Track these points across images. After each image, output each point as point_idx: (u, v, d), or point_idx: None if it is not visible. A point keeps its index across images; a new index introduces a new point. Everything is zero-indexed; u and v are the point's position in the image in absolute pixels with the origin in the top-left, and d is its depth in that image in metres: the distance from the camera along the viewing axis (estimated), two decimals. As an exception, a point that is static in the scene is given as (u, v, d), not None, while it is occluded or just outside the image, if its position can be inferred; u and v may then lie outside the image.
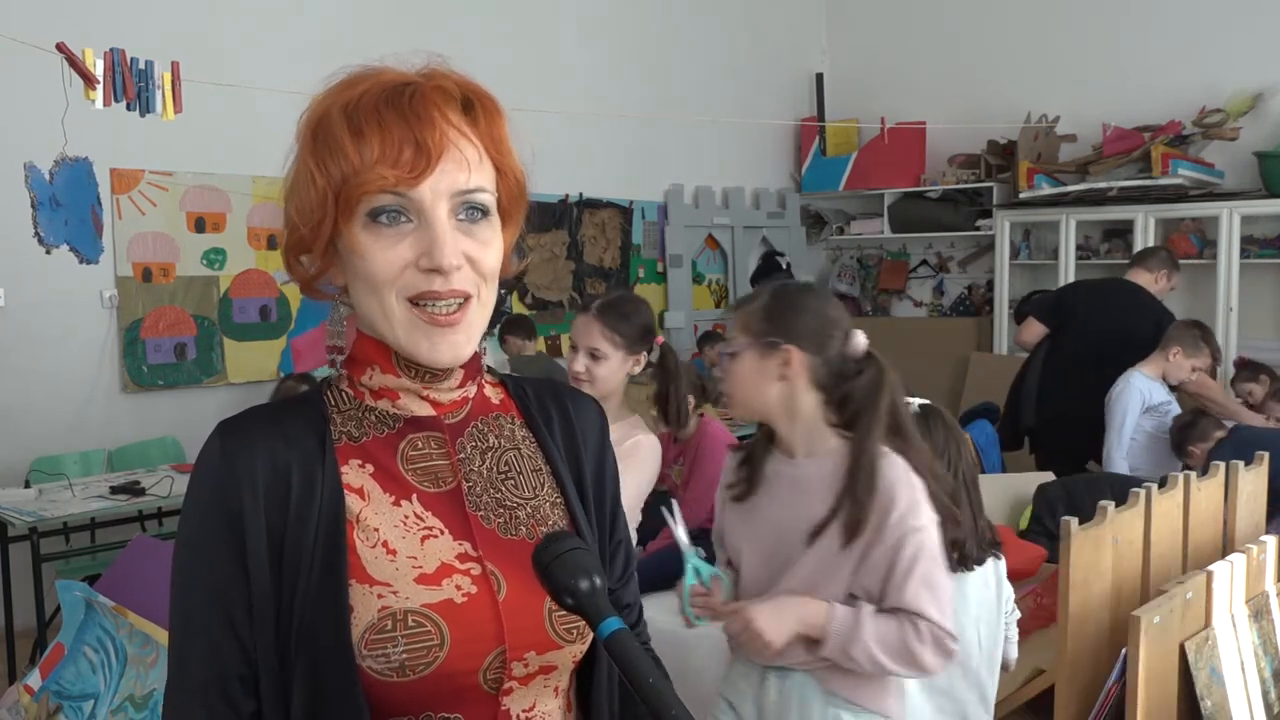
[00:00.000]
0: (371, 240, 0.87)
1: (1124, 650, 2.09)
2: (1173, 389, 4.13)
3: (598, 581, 0.79)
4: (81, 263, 4.75)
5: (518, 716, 0.92)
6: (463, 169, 0.88)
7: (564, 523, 0.99)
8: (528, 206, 0.98)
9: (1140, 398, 4.01)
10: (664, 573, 3.76)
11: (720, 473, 3.88)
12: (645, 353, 2.44)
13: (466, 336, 0.90)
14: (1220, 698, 2.22)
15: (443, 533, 0.92)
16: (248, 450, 0.89)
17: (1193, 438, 4.06)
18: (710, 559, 4.00)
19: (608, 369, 2.36)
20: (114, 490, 3.94)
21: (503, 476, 0.98)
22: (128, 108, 3.58)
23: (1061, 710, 2.18)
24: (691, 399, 3.95)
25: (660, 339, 2.50)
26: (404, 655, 0.85)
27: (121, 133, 4.44)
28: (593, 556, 0.82)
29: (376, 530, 0.90)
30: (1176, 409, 4.09)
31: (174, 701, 0.90)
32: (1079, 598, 2.18)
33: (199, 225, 5.13)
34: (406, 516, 0.92)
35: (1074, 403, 4.38)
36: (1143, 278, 4.56)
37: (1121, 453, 3.99)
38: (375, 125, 0.86)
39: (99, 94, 3.48)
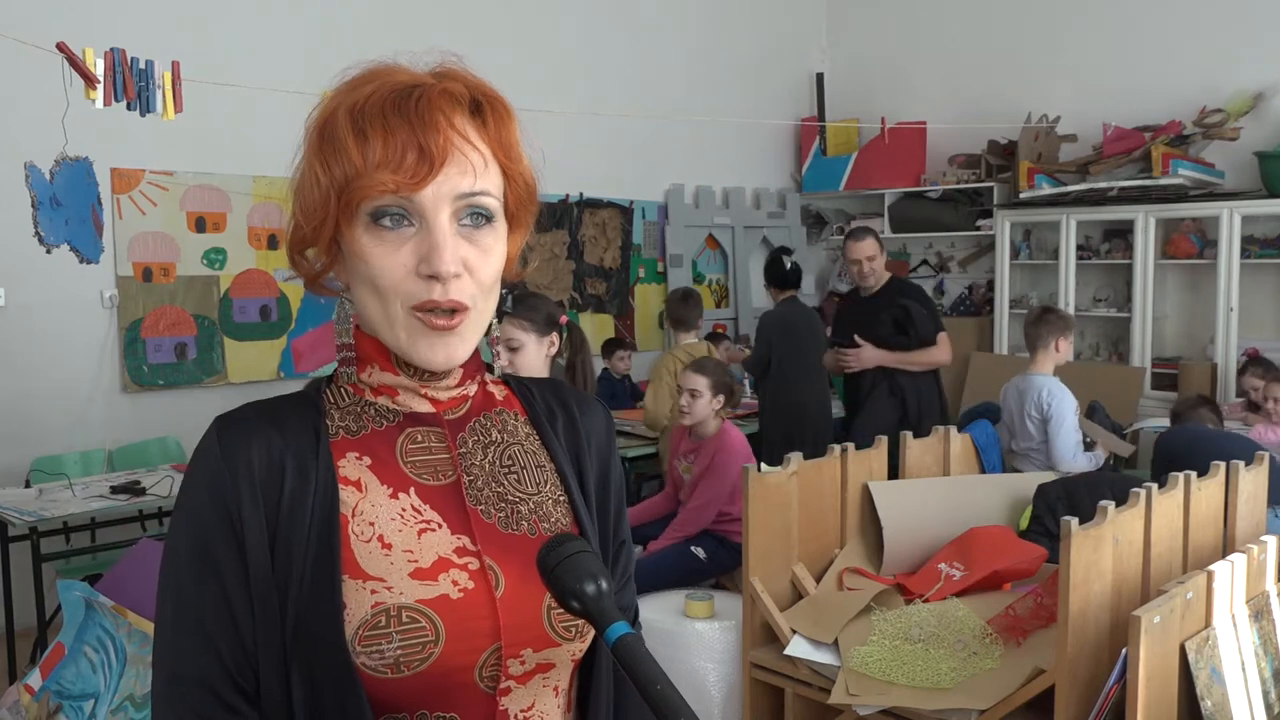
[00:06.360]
0: (374, 243, 0.87)
1: (1124, 650, 2.09)
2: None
3: (604, 585, 0.78)
4: (82, 262, 4.75)
5: (515, 716, 0.91)
6: (467, 174, 0.87)
7: (567, 520, 0.98)
8: (538, 210, 0.98)
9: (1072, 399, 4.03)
10: (664, 573, 3.77)
11: (733, 482, 3.83)
12: (556, 335, 2.66)
13: (461, 340, 0.90)
14: (1220, 698, 2.22)
15: (440, 526, 0.91)
16: (244, 443, 0.89)
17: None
18: (709, 560, 4.01)
19: (526, 356, 2.59)
20: (114, 490, 3.94)
21: (505, 470, 0.97)
22: (128, 108, 3.58)
23: (1061, 710, 2.18)
24: (720, 399, 3.95)
25: (565, 319, 2.74)
26: (398, 651, 0.84)
27: (121, 133, 4.45)
28: (598, 559, 0.81)
29: (372, 524, 0.89)
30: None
31: (166, 695, 0.88)
32: (1079, 598, 2.18)
33: (199, 225, 5.13)
34: (404, 509, 0.91)
35: None
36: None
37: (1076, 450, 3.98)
38: (380, 128, 0.86)
39: (99, 94, 3.48)
